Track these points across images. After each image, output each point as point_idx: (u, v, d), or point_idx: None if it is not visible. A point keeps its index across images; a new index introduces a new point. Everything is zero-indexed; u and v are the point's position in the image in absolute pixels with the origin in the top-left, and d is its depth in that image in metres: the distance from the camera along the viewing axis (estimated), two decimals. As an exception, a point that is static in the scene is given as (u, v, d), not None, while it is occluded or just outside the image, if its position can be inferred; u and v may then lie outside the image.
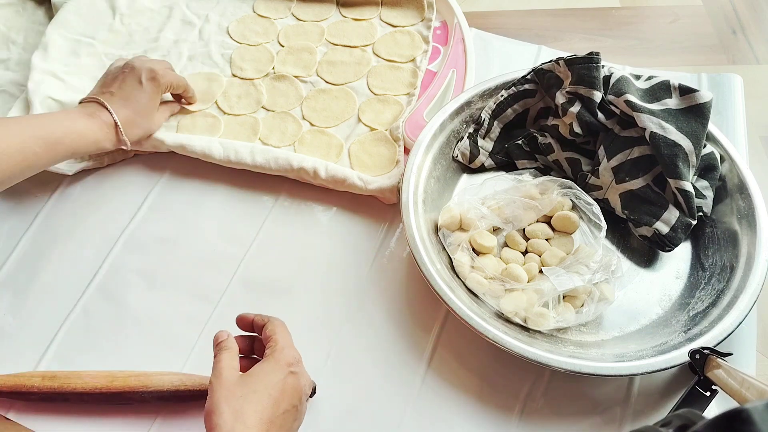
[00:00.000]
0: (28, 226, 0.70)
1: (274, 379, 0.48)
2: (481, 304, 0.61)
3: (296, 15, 0.88)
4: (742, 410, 0.28)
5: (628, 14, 0.93)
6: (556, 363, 0.55)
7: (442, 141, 0.71)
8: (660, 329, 0.60)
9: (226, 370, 0.48)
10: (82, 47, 0.83)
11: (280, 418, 0.47)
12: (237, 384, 0.48)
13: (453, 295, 0.58)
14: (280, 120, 0.77)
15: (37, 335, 0.63)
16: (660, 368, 0.55)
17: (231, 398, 0.46)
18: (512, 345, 0.56)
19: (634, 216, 0.65)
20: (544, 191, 0.66)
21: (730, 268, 0.62)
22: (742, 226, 0.63)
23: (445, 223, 0.65)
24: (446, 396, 0.59)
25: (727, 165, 0.67)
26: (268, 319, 0.54)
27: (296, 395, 0.49)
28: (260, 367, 0.49)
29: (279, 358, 0.50)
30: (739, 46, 0.89)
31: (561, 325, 0.59)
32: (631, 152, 0.65)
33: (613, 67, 0.69)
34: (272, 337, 0.51)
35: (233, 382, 0.48)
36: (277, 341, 0.51)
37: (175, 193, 0.73)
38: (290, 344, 0.52)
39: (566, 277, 0.60)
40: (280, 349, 0.50)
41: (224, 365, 0.49)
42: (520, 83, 0.72)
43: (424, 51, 0.82)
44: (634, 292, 0.64)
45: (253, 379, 0.48)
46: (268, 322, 0.53)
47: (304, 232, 0.70)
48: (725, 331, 0.56)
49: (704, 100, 0.64)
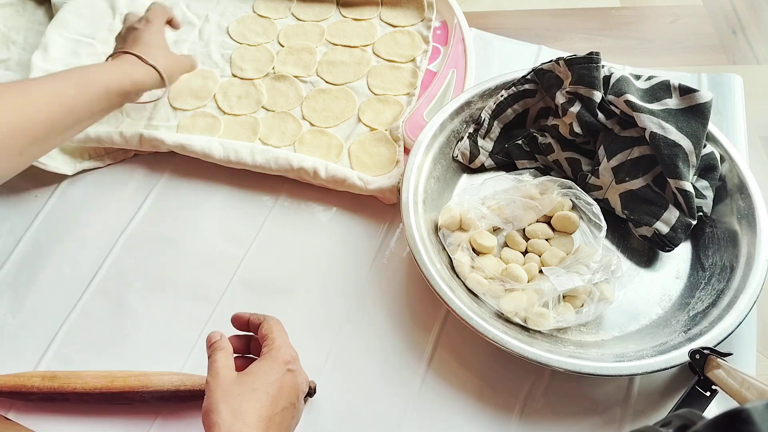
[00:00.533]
0: (28, 226, 0.70)
1: (272, 378, 0.48)
2: (481, 304, 0.61)
3: (296, 15, 0.88)
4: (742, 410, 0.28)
5: (628, 14, 0.93)
6: (556, 363, 0.55)
7: (442, 141, 0.71)
8: (660, 329, 0.60)
9: (223, 369, 0.48)
10: (82, 47, 0.83)
11: (278, 415, 0.48)
12: (234, 383, 0.48)
13: (453, 295, 0.58)
14: (280, 120, 0.77)
15: (37, 335, 0.63)
16: (660, 368, 0.55)
17: (229, 397, 0.46)
18: (512, 345, 0.56)
19: (634, 216, 0.65)
20: (544, 191, 0.66)
21: (730, 268, 0.62)
22: (742, 226, 0.63)
23: (445, 223, 0.65)
24: (446, 396, 0.59)
25: (727, 165, 0.67)
26: (264, 318, 0.53)
27: (294, 393, 0.50)
28: (258, 366, 0.49)
29: (276, 357, 0.50)
30: (739, 46, 0.89)
31: (561, 325, 0.59)
32: (631, 152, 0.65)
33: (613, 67, 0.69)
34: (269, 336, 0.51)
35: (230, 381, 0.48)
36: (273, 339, 0.51)
37: (175, 193, 0.73)
38: (287, 342, 0.52)
39: (566, 277, 0.60)
40: (278, 348, 0.50)
41: (220, 365, 0.49)
42: (520, 83, 0.72)
43: (424, 51, 0.82)
44: (634, 292, 0.64)
45: (250, 378, 0.48)
46: (264, 321, 0.53)
47: (304, 232, 0.70)
48: (725, 331, 0.56)
49: (704, 100, 0.64)
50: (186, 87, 0.80)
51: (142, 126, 0.77)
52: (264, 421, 0.46)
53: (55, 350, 0.62)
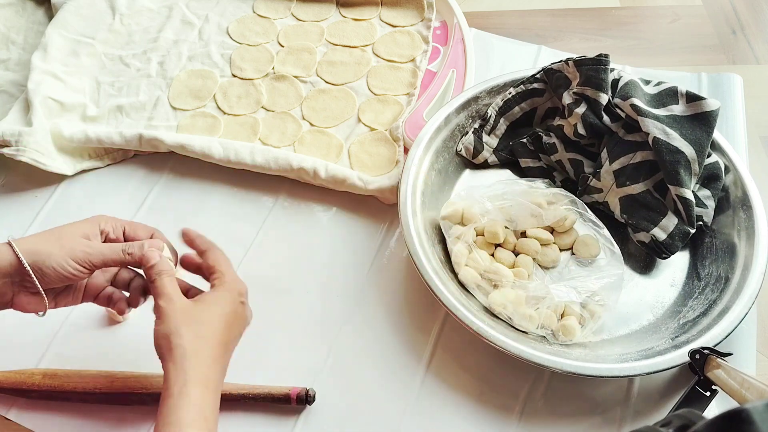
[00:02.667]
0: (28, 226, 0.70)
1: (228, 308, 0.50)
2: (471, 298, 0.61)
3: (296, 15, 0.88)
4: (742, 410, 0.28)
5: (628, 14, 0.93)
6: (556, 365, 0.55)
7: (446, 135, 0.71)
8: (648, 335, 0.60)
9: (175, 294, 0.49)
10: (82, 47, 0.83)
11: (232, 343, 0.50)
12: (192, 307, 0.49)
13: (452, 298, 0.58)
14: (280, 120, 0.77)
15: (37, 335, 0.63)
16: (660, 369, 0.55)
17: (190, 320, 0.47)
18: (511, 347, 0.56)
19: (632, 221, 0.65)
20: (552, 202, 0.65)
21: (725, 279, 0.61)
22: (741, 238, 0.63)
23: (448, 215, 0.65)
24: (445, 397, 0.59)
25: (731, 176, 0.66)
26: (209, 246, 0.54)
27: (243, 323, 0.52)
28: (212, 296, 0.51)
29: (232, 288, 0.51)
30: (739, 46, 0.89)
31: (542, 333, 0.59)
32: (634, 156, 0.65)
33: (623, 71, 0.68)
34: (217, 269, 0.52)
35: (188, 306, 0.49)
36: (223, 273, 0.52)
37: (175, 193, 0.73)
38: (236, 276, 0.53)
39: (565, 289, 0.60)
40: (231, 281, 0.52)
41: (170, 289, 0.49)
42: (529, 82, 0.72)
43: (423, 51, 0.82)
44: (627, 296, 0.63)
45: (207, 306, 0.49)
46: (209, 250, 0.54)
47: (304, 232, 0.70)
48: (712, 340, 0.56)
49: (711, 109, 0.63)
50: (186, 87, 0.80)
51: (142, 126, 0.77)
52: (222, 346, 0.48)
53: (56, 350, 0.62)
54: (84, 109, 0.77)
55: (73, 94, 0.78)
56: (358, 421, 0.58)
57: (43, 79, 0.77)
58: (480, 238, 0.65)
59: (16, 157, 0.71)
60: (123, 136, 0.74)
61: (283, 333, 0.63)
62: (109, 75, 0.82)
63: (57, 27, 0.83)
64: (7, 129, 0.72)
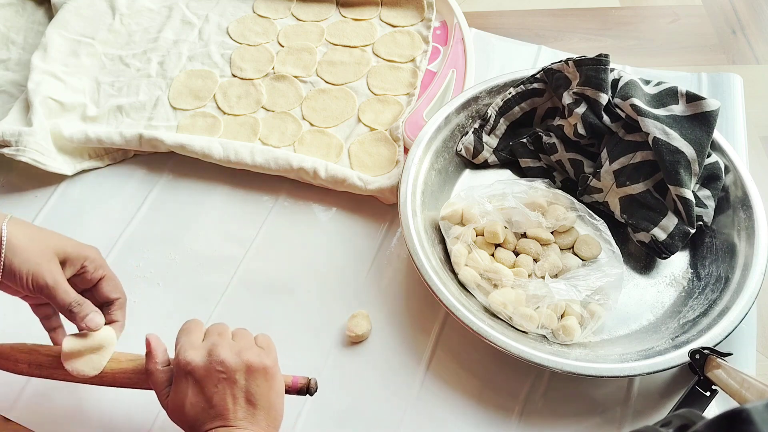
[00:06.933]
0: (27, 226, 0.70)
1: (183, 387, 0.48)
2: (471, 298, 0.61)
3: (296, 15, 0.88)
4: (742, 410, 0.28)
5: (628, 14, 0.93)
6: (556, 365, 0.55)
7: (446, 134, 0.71)
8: (649, 335, 0.60)
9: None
10: (82, 47, 0.83)
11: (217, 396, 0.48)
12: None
13: (453, 299, 0.58)
14: (280, 120, 0.77)
15: (38, 335, 0.63)
16: (660, 369, 0.55)
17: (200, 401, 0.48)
18: (511, 347, 0.56)
19: (632, 221, 0.65)
20: (552, 202, 0.65)
21: (725, 279, 0.61)
22: (741, 238, 0.63)
23: (447, 215, 0.65)
24: (445, 397, 0.59)
25: (731, 176, 0.66)
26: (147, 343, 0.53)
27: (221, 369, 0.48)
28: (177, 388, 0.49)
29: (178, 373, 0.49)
30: (739, 46, 0.89)
31: (542, 332, 0.59)
32: (634, 156, 0.65)
33: (623, 71, 0.68)
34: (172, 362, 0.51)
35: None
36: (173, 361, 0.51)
37: (175, 193, 0.73)
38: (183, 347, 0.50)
39: (565, 289, 0.60)
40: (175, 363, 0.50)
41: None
42: (529, 82, 0.72)
43: (423, 51, 0.82)
44: (627, 296, 0.63)
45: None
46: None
47: (304, 232, 0.70)
48: (712, 340, 0.56)
49: (711, 109, 0.63)
50: (186, 87, 0.80)
51: (142, 126, 0.77)
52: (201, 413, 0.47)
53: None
54: (84, 109, 0.77)
55: (73, 94, 0.78)
56: (358, 420, 0.58)
57: (43, 79, 0.77)
58: (480, 238, 0.65)
59: (16, 157, 0.71)
60: (123, 136, 0.74)
61: (283, 333, 0.63)
62: (109, 75, 0.82)
63: (57, 27, 0.83)
64: (7, 129, 0.72)
